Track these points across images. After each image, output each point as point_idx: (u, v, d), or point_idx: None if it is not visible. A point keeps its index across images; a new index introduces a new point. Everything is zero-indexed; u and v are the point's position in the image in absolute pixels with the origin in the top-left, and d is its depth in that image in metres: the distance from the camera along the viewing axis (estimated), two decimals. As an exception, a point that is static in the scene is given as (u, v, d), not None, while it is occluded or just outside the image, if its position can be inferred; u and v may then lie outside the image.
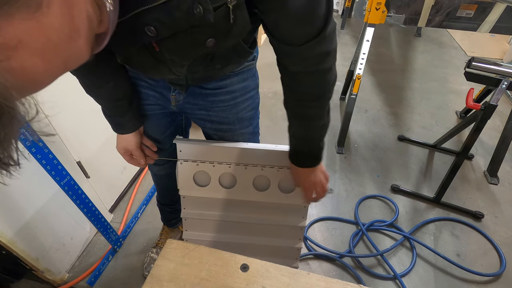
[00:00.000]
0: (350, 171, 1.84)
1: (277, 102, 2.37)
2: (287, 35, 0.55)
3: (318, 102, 0.68)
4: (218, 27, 0.50)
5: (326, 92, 0.66)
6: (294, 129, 0.75)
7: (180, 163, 0.88)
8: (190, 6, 0.44)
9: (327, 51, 0.58)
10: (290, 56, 0.60)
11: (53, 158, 1.00)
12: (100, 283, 1.30)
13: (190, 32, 0.49)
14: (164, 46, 0.54)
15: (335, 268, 1.38)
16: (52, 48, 0.26)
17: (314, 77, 0.63)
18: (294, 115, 0.72)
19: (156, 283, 0.63)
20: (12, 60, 0.23)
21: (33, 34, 0.23)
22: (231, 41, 0.55)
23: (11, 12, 0.21)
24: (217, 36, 0.52)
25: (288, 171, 0.87)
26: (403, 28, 3.50)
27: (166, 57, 0.56)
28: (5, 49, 0.22)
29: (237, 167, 0.88)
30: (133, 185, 1.70)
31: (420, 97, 2.45)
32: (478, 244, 1.48)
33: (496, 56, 3.01)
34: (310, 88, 0.65)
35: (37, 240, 1.15)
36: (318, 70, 0.61)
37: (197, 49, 0.55)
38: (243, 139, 0.88)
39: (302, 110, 0.69)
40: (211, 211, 0.96)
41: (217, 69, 0.68)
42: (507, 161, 1.88)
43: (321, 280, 0.64)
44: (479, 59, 1.45)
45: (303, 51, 0.56)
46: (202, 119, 0.84)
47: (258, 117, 0.91)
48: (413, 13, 3.45)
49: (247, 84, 0.80)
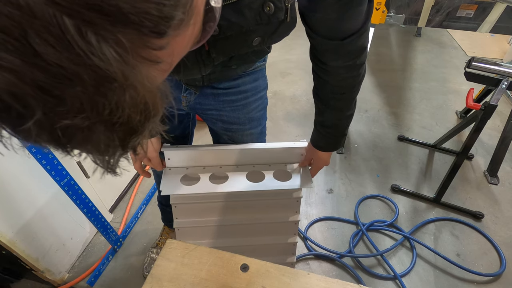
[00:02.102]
0: (350, 171, 1.84)
1: (277, 102, 2.37)
2: (332, 31, 0.57)
3: (351, 94, 0.72)
4: (269, 26, 0.51)
5: (358, 84, 0.70)
6: (325, 119, 0.78)
7: (168, 169, 0.87)
8: (261, 5, 0.45)
9: (365, 45, 0.62)
10: (332, 51, 0.62)
11: (53, 158, 1.00)
12: (100, 283, 1.30)
13: (245, 31, 0.50)
14: (215, 45, 0.54)
15: (335, 268, 1.38)
16: (183, 52, 0.28)
17: (351, 71, 0.66)
18: (328, 106, 0.75)
19: (156, 283, 0.63)
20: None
21: (181, 44, 0.26)
22: (275, 40, 0.57)
23: (177, 32, 0.23)
24: (264, 35, 0.53)
25: (280, 166, 0.88)
26: (403, 28, 3.50)
27: (210, 56, 0.57)
28: (170, 62, 0.26)
29: (228, 167, 0.87)
30: (133, 185, 1.70)
31: (420, 97, 2.45)
32: (478, 244, 1.48)
33: (496, 56, 3.01)
34: (346, 81, 0.68)
35: (37, 240, 1.15)
36: (355, 64, 0.64)
37: (243, 48, 0.56)
38: (252, 138, 0.89)
39: (336, 102, 0.73)
40: (203, 218, 0.95)
41: (232, 69, 0.70)
42: (507, 161, 1.88)
43: (321, 280, 0.64)
44: (479, 59, 1.45)
45: (346, 46, 0.59)
46: (213, 118, 0.85)
47: (266, 118, 0.92)
48: (413, 13, 3.45)
49: (258, 84, 0.81)
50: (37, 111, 0.18)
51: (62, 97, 0.18)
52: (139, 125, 0.23)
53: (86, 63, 0.18)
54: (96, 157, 0.24)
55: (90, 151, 0.23)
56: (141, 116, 0.22)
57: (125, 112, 0.21)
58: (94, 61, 0.18)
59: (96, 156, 0.24)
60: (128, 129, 0.23)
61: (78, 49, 0.17)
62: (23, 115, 0.19)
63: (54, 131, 0.20)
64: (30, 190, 1.09)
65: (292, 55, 2.95)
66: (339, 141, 0.82)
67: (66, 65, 0.18)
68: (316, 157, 0.87)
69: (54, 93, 0.18)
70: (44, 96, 0.18)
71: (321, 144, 0.83)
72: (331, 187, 1.74)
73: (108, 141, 0.22)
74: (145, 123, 0.23)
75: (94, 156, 0.24)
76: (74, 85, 0.18)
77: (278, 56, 2.91)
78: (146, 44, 0.20)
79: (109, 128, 0.21)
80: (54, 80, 0.18)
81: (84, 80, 0.18)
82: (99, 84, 0.19)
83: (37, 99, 0.18)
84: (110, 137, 0.22)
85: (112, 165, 0.25)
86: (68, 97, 0.19)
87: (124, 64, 0.19)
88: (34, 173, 1.07)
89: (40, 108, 0.18)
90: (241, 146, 0.86)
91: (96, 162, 0.24)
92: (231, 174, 0.87)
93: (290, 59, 2.86)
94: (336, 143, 0.82)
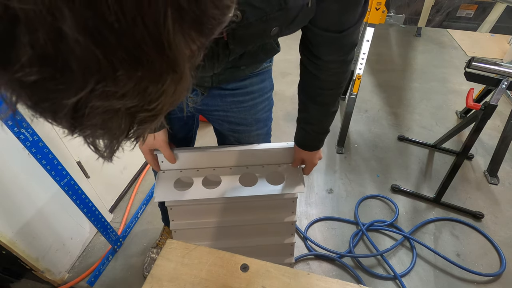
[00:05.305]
0: (350, 171, 1.84)
1: (277, 102, 2.37)
2: (332, 23, 0.58)
3: (337, 90, 0.73)
4: (290, 13, 0.52)
5: (344, 80, 0.72)
6: (310, 115, 0.78)
7: (162, 172, 0.87)
8: None
9: (356, 42, 0.64)
10: (328, 44, 0.63)
11: (53, 158, 1.00)
12: (100, 283, 1.30)
13: (266, 19, 0.50)
14: (234, 35, 0.54)
15: (335, 268, 1.38)
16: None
17: (342, 66, 0.68)
18: (314, 102, 0.76)
19: (156, 283, 0.63)
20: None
21: None
22: (292, 30, 0.57)
23: None
24: (283, 24, 0.54)
25: (273, 167, 0.88)
26: (403, 28, 3.50)
27: (227, 48, 0.56)
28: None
29: (222, 169, 0.87)
30: (133, 185, 1.70)
31: (420, 97, 2.45)
32: (478, 244, 1.48)
33: (496, 56, 3.00)
34: (336, 76, 0.70)
35: (37, 240, 1.15)
36: (347, 60, 0.66)
37: (261, 39, 0.57)
38: (258, 139, 0.89)
39: (322, 97, 0.74)
40: (199, 219, 0.95)
41: (241, 69, 0.70)
42: (507, 161, 1.88)
43: (321, 280, 0.64)
44: (479, 59, 1.45)
45: (342, 39, 0.61)
46: (220, 119, 0.84)
47: (272, 119, 0.92)
48: (413, 13, 3.45)
49: (265, 85, 0.81)
50: (87, 86, 0.18)
51: (120, 78, 0.18)
52: (161, 114, 0.23)
53: (165, 53, 0.18)
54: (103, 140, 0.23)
55: (101, 135, 0.22)
56: (168, 107, 0.22)
57: (162, 101, 0.21)
58: (171, 51, 0.18)
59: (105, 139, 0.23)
60: (150, 117, 0.22)
61: (164, 39, 0.18)
62: (70, 88, 0.18)
63: (82, 109, 0.19)
64: (30, 190, 1.09)
65: (292, 55, 2.94)
66: (322, 138, 0.83)
67: (148, 50, 0.18)
68: (305, 156, 0.87)
69: (117, 73, 0.18)
70: (107, 73, 0.18)
71: (305, 143, 0.83)
72: (331, 187, 1.74)
73: (125, 127, 0.22)
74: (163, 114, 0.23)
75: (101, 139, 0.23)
76: (140, 69, 0.18)
77: (278, 56, 2.87)
78: (198, 40, 0.21)
79: (133, 115, 0.21)
80: (127, 60, 0.18)
81: (154, 67, 0.19)
82: (163, 72, 0.19)
83: (101, 73, 0.17)
84: (130, 123, 0.22)
85: (114, 150, 0.24)
86: (125, 79, 0.18)
87: (188, 58, 0.20)
88: (34, 173, 1.06)
89: (92, 85, 0.18)
90: (234, 147, 0.85)
91: (95, 147, 0.23)
92: (224, 178, 0.87)
93: (290, 59, 2.85)
94: (319, 140, 0.83)
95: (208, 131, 1.95)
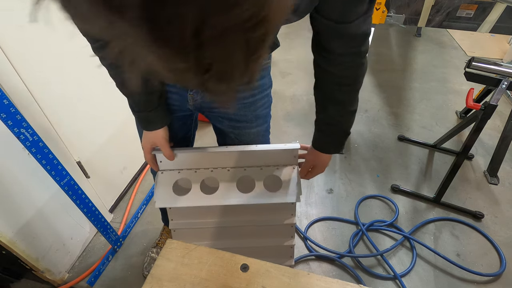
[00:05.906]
0: (350, 171, 1.84)
1: (277, 102, 2.37)
2: (341, 13, 0.57)
3: (354, 86, 0.71)
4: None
5: (361, 75, 0.70)
6: (328, 115, 0.77)
7: (161, 172, 0.87)
8: None
9: (368, 32, 0.63)
10: (339, 36, 0.62)
11: (53, 158, 1.00)
12: (100, 283, 1.30)
13: None
14: None
15: (335, 268, 1.38)
16: None
17: (356, 59, 0.66)
18: (331, 100, 0.74)
19: (156, 283, 0.63)
20: None
21: None
22: (295, 19, 0.57)
23: None
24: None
25: (271, 169, 0.88)
26: (403, 28, 3.50)
27: None
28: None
29: (219, 170, 0.87)
30: (133, 185, 1.70)
31: (420, 97, 2.45)
32: (478, 244, 1.48)
33: (496, 56, 3.00)
34: (350, 71, 0.68)
35: (37, 240, 1.15)
36: (360, 51, 0.65)
37: None
38: (258, 136, 0.89)
39: (340, 94, 0.72)
40: (198, 219, 0.94)
41: None
42: (507, 161, 1.88)
43: (321, 280, 0.64)
44: (479, 59, 1.45)
45: (352, 29, 0.60)
46: (220, 116, 0.84)
47: (271, 116, 0.92)
48: (413, 13, 3.45)
49: (264, 82, 0.81)
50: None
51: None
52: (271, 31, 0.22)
53: None
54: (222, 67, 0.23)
55: (219, 57, 0.22)
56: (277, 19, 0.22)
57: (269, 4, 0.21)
58: None
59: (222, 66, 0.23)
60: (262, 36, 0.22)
61: None
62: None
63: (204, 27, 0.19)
64: (30, 190, 1.09)
65: (292, 55, 2.95)
66: (343, 141, 0.81)
67: None
68: (319, 161, 0.85)
69: None
70: None
71: (325, 145, 0.82)
72: (331, 187, 1.74)
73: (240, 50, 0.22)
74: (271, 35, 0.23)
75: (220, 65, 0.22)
76: None
77: (278, 56, 2.91)
78: None
79: (247, 32, 0.21)
80: None
81: None
82: None
83: None
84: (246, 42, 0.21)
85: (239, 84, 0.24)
86: None
87: None
88: (34, 173, 1.06)
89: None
90: (232, 148, 0.85)
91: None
92: (222, 183, 0.87)
93: (290, 59, 2.86)
94: (340, 142, 0.81)
95: (207, 131, 1.95)
